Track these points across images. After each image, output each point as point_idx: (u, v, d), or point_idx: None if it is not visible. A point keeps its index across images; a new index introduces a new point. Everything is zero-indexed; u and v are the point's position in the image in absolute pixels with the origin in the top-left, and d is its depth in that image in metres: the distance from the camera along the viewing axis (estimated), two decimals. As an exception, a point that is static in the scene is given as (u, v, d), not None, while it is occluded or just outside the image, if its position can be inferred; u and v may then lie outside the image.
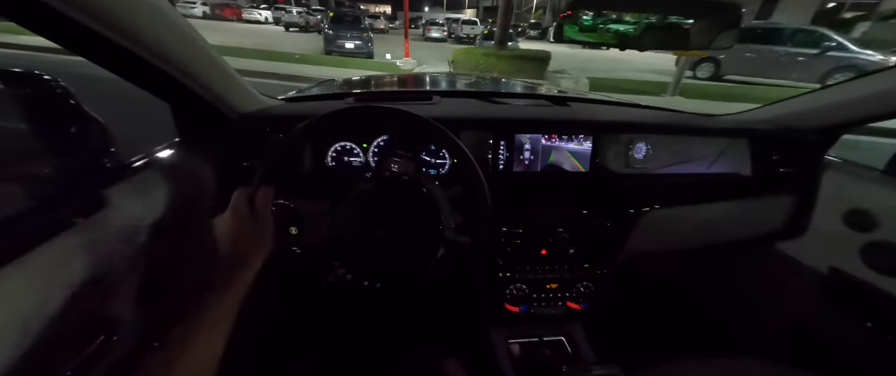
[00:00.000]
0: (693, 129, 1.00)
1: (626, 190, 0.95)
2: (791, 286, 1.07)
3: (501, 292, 0.92)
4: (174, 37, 0.57)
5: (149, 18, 0.51)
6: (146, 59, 0.55)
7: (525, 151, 0.92)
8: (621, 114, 1.07)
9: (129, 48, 0.51)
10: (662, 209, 0.94)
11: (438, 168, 0.92)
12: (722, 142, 1.01)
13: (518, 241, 0.90)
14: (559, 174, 0.94)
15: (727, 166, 1.03)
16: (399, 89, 1.48)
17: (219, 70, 0.70)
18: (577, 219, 0.91)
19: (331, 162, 0.89)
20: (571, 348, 0.96)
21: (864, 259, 0.91)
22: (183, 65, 0.61)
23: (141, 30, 0.51)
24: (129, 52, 0.52)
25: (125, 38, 0.50)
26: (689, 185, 1.00)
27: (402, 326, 1.09)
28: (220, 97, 0.74)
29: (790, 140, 1.02)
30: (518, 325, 0.98)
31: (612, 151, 0.96)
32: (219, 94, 0.73)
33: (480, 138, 0.91)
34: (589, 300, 0.95)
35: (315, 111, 0.93)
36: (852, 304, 0.94)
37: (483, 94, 1.13)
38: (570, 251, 0.91)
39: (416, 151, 0.70)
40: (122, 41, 0.50)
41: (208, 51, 0.65)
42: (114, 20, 0.47)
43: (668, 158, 0.99)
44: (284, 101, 0.96)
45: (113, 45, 0.50)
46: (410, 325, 1.09)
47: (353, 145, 0.89)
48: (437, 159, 0.92)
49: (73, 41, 0.50)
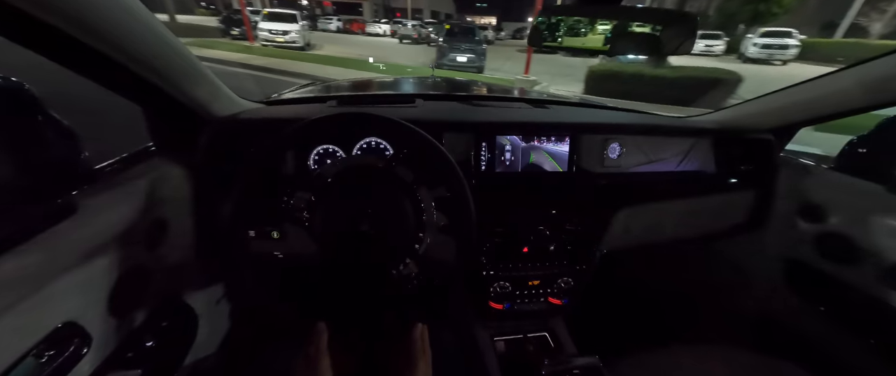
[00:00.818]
0: (662, 130, 1.06)
1: (602, 188, 0.99)
2: (755, 275, 1.15)
3: (485, 290, 0.94)
4: (147, 38, 0.55)
5: (119, 18, 0.50)
6: (118, 61, 0.54)
7: (506, 152, 0.95)
8: (597, 116, 1.11)
9: (100, 49, 0.50)
10: (636, 205, 0.99)
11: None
12: (688, 142, 1.08)
13: (500, 240, 0.92)
14: (539, 174, 0.97)
15: (694, 165, 1.10)
16: (381, 92, 1.49)
17: (194, 73, 0.69)
18: (556, 217, 0.94)
19: (313, 165, 0.88)
20: (554, 342, 0.99)
21: (817, 248, 0.98)
22: (156, 67, 0.60)
23: (111, 30, 0.49)
24: (99, 54, 0.51)
25: (95, 39, 0.49)
26: (660, 183, 1.05)
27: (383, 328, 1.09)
28: (195, 100, 0.73)
29: (749, 139, 1.09)
30: (502, 322, 1.00)
31: (589, 151, 1.00)
32: (194, 97, 0.72)
33: (462, 140, 0.93)
34: (569, 295, 0.98)
35: (297, 114, 0.92)
36: (808, 290, 1.01)
37: (464, 97, 1.15)
38: (551, 248, 0.94)
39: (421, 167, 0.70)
40: (93, 42, 0.49)
41: (183, 53, 0.64)
42: (82, 20, 0.45)
43: (641, 158, 1.04)
44: (265, 104, 0.95)
45: (82, 47, 0.48)
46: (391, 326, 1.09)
47: (336, 148, 0.89)
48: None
49: (39, 43, 0.48)
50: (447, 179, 0.65)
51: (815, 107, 0.94)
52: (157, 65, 0.60)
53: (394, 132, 0.66)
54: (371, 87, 1.61)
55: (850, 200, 0.93)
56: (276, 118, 0.88)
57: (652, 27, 0.71)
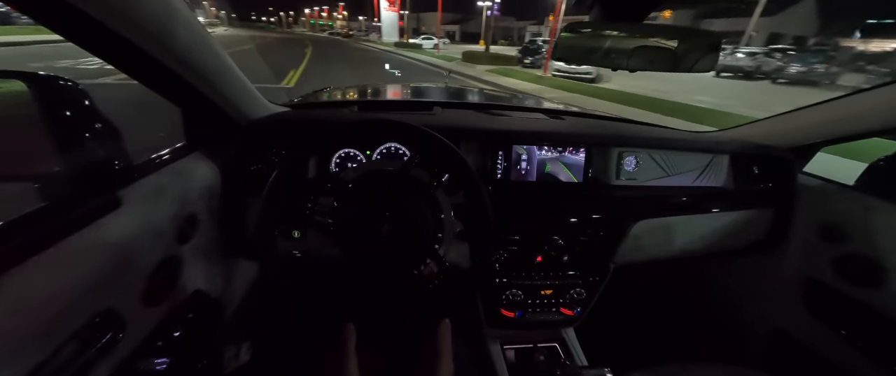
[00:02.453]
0: (679, 144, 1.06)
1: (617, 200, 1.00)
2: (772, 295, 1.12)
3: (498, 297, 0.95)
4: (191, 41, 0.58)
5: (167, 20, 0.52)
6: (163, 62, 0.57)
7: (522, 162, 0.96)
8: (613, 128, 1.12)
9: (147, 50, 0.53)
10: (651, 219, 0.99)
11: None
12: (706, 158, 1.07)
13: (514, 248, 0.93)
14: (554, 184, 0.98)
15: (711, 180, 1.09)
16: (400, 99, 1.52)
17: (231, 75, 0.72)
18: (570, 228, 0.95)
19: (335, 168, 0.92)
20: (564, 353, 0.99)
21: (838, 269, 0.96)
22: (198, 69, 0.63)
23: (160, 32, 0.52)
24: (146, 54, 0.54)
25: (144, 40, 0.51)
26: (676, 198, 1.05)
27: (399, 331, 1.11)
28: (231, 102, 0.76)
29: (768, 157, 1.08)
30: (513, 330, 1.01)
31: (604, 163, 1.01)
32: (230, 99, 0.76)
33: (479, 148, 0.95)
34: (581, 306, 0.98)
35: (323, 118, 0.96)
36: (827, 312, 0.99)
37: (481, 105, 1.18)
38: (564, 258, 0.95)
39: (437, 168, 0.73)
40: (141, 42, 0.51)
41: (222, 56, 0.67)
42: (133, 21, 0.48)
43: (657, 171, 1.04)
44: (290, 108, 0.99)
45: (131, 46, 0.51)
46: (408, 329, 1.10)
47: (357, 152, 0.92)
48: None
49: (90, 41, 0.51)
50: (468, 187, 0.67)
51: (837, 127, 0.93)
52: (195, 65, 0.62)
53: (429, 144, 0.67)
54: (391, 94, 1.65)
55: (874, 221, 0.91)
56: (305, 121, 0.91)
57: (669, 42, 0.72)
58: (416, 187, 0.69)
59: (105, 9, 0.45)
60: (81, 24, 0.46)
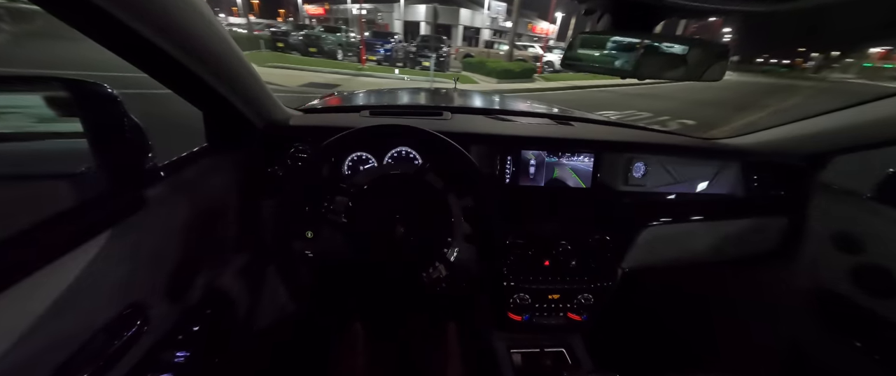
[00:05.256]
0: (689, 151, 1.05)
1: (626, 206, 1.00)
2: (784, 304, 1.11)
3: (505, 301, 0.96)
4: (215, 44, 0.60)
5: (189, 21, 0.54)
6: (184, 64, 0.59)
7: (530, 167, 0.97)
8: (622, 134, 1.13)
9: (169, 51, 0.54)
10: (660, 226, 0.99)
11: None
12: (716, 165, 1.07)
13: (522, 252, 0.94)
14: (562, 189, 0.99)
15: (722, 187, 1.08)
16: (411, 103, 1.55)
17: (252, 79, 0.75)
18: (578, 233, 0.95)
19: (347, 170, 0.94)
20: (571, 359, 0.99)
21: (853, 280, 0.95)
22: (219, 71, 0.65)
23: (181, 33, 0.54)
24: (167, 55, 0.55)
25: (165, 41, 0.53)
26: (686, 204, 1.04)
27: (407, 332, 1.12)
28: (250, 105, 0.79)
29: (781, 165, 1.07)
30: (520, 334, 1.01)
31: (612, 169, 1.01)
32: (250, 102, 0.79)
33: (489, 153, 0.96)
34: (589, 311, 0.98)
35: (336, 122, 0.99)
36: (842, 324, 0.97)
37: (491, 110, 1.19)
38: (572, 263, 0.95)
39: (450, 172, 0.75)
40: (162, 43, 0.53)
41: (243, 60, 0.70)
42: (155, 21, 0.49)
43: (666, 178, 1.04)
44: (303, 112, 1.02)
45: (153, 47, 0.53)
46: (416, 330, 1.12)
47: (369, 155, 0.94)
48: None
49: (112, 40, 0.53)
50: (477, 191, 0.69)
51: (852, 135, 0.92)
52: (217, 67, 0.64)
53: (442, 150, 0.69)
54: (402, 98, 1.68)
55: (891, 231, 0.89)
56: (321, 126, 0.94)
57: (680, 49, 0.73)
58: (430, 192, 0.71)
59: (126, 7, 0.46)
60: (103, 23, 0.47)
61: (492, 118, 1.12)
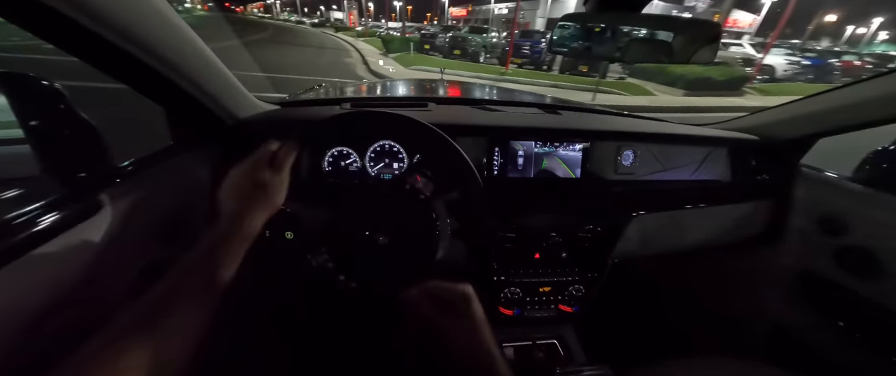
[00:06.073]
0: (677, 138, 1.05)
1: (616, 195, 0.99)
2: (771, 287, 1.12)
3: (496, 295, 0.94)
4: (173, 39, 0.56)
5: (147, 18, 0.50)
6: (144, 61, 0.55)
7: (519, 158, 0.95)
8: (610, 122, 1.11)
9: (127, 49, 0.51)
10: (650, 214, 0.98)
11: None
12: (704, 151, 1.06)
13: (512, 245, 0.92)
14: (551, 180, 0.97)
15: (709, 173, 1.08)
16: (394, 95, 1.50)
17: (216, 73, 0.70)
18: (568, 224, 0.94)
19: (327, 166, 0.89)
20: (563, 350, 0.98)
21: (837, 261, 0.96)
22: (181, 68, 0.61)
23: (139, 30, 0.50)
24: (126, 53, 0.52)
25: (123, 39, 0.49)
26: (675, 191, 1.04)
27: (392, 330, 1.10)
28: (217, 102, 0.74)
29: (766, 149, 1.08)
30: (511, 328, 1.00)
31: (602, 158, 1.00)
32: (216, 98, 0.73)
33: (475, 144, 0.93)
34: (580, 303, 0.98)
35: (314, 116, 0.94)
36: (826, 305, 0.99)
37: (477, 101, 1.16)
38: (563, 255, 0.94)
39: (437, 173, 0.71)
40: (120, 41, 0.49)
41: (206, 54, 0.65)
42: (111, 19, 0.46)
43: (655, 165, 1.03)
44: (280, 107, 0.97)
45: (109, 46, 0.49)
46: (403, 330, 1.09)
47: (350, 151, 0.90)
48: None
49: (67, 41, 0.49)
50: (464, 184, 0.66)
51: (834, 117, 0.92)
52: (179, 65, 0.60)
53: (423, 137, 0.65)
54: (383, 90, 1.62)
55: (873, 213, 0.91)
56: (294, 119, 0.89)
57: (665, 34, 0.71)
58: (415, 200, 0.68)
59: (78, 6, 0.43)
60: (55, 22, 0.44)
61: (478, 109, 1.09)
